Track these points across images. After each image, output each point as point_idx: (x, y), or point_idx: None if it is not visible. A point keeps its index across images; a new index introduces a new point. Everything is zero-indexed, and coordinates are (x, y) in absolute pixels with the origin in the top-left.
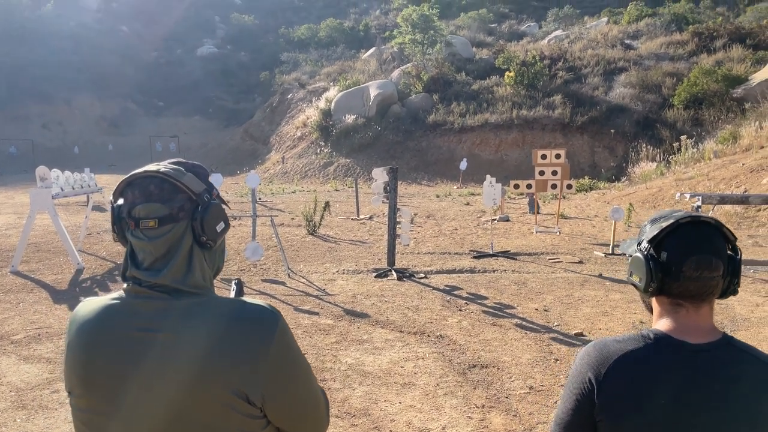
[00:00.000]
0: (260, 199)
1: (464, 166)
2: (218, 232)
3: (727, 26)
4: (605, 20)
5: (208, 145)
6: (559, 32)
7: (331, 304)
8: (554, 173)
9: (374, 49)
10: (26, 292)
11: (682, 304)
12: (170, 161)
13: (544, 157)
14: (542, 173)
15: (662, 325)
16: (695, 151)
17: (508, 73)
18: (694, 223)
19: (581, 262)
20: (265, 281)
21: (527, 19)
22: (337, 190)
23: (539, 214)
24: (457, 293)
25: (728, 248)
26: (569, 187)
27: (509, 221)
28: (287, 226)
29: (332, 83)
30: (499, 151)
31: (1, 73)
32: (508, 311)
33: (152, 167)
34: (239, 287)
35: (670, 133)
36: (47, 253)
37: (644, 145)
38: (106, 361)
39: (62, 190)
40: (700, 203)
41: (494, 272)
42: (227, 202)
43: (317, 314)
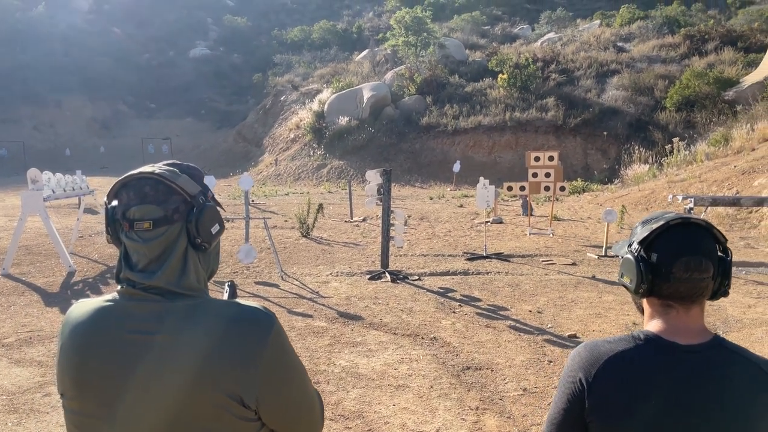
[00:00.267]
0: (253, 201)
1: (457, 168)
2: (213, 234)
3: (718, 29)
4: (598, 23)
5: (200, 147)
6: (551, 35)
7: (324, 306)
8: (547, 175)
9: (367, 51)
10: (17, 295)
11: (672, 305)
12: (165, 163)
13: (537, 159)
14: (535, 175)
15: (653, 326)
16: (687, 153)
17: (501, 75)
18: (684, 224)
19: (574, 264)
20: (258, 284)
21: (520, 21)
22: (330, 192)
23: (532, 216)
24: (450, 295)
25: (719, 249)
26: (562, 189)
27: (502, 223)
28: (280, 228)
29: (325, 85)
30: (492, 153)
31: None
32: (501, 313)
33: (147, 168)
34: (232, 289)
35: (662, 135)
36: (38, 255)
37: (637, 147)
38: (99, 363)
39: (53, 192)
40: (692, 205)
41: (488, 274)
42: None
43: (311, 317)
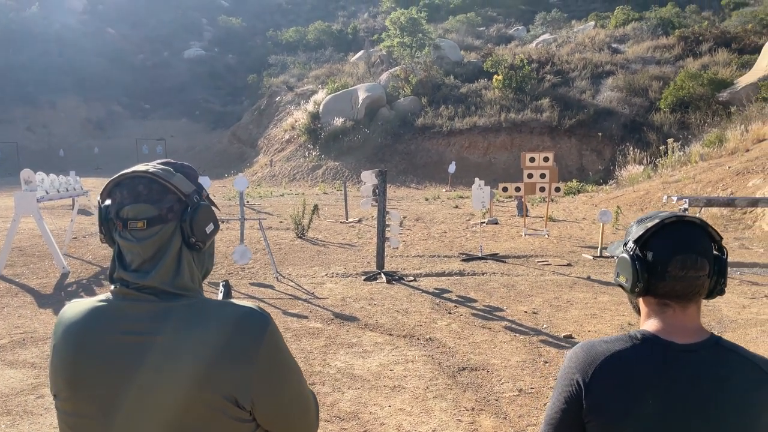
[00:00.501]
0: (248, 202)
1: (453, 169)
2: (207, 233)
3: (712, 30)
4: (592, 24)
5: (195, 148)
6: (546, 36)
7: (320, 307)
8: (542, 176)
9: (363, 52)
10: (11, 296)
11: (668, 304)
12: (159, 162)
13: (532, 160)
14: (531, 176)
15: (650, 325)
16: (682, 154)
17: (496, 76)
18: (679, 222)
19: (570, 264)
20: (253, 285)
21: (515, 22)
22: (325, 193)
23: (528, 216)
24: (446, 296)
25: (714, 248)
26: (557, 190)
27: (498, 224)
28: (275, 229)
29: (320, 86)
30: (487, 154)
31: None
32: (497, 314)
33: (141, 167)
34: (227, 289)
35: (656, 136)
36: (32, 257)
37: (631, 148)
38: (93, 363)
39: (47, 193)
40: (687, 206)
41: (483, 275)
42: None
43: (306, 318)
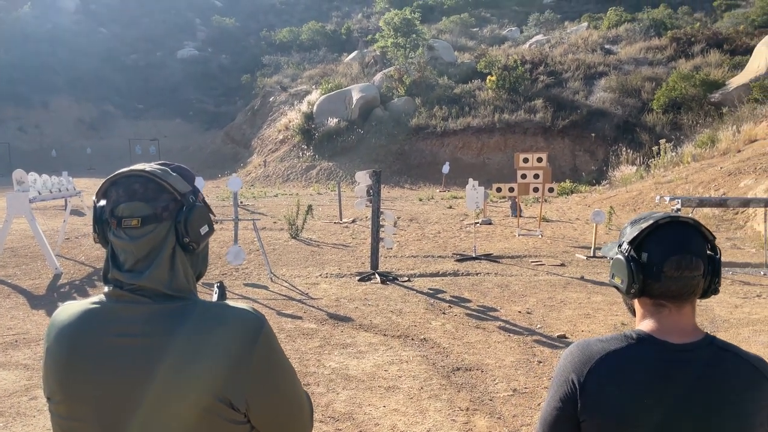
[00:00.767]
0: (242, 202)
1: (447, 169)
2: (202, 234)
3: (704, 32)
4: (585, 25)
5: (188, 148)
6: (540, 37)
7: (314, 308)
8: (536, 177)
9: (356, 52)
10: (3, 297)
11: (664, 304)
12: (156, 162)
13: (526, 160)
14: (524, 177)
15: (645, 325)
16: (674, 154)
17: (489, 77)
18: (673, 223)
19: (563, 264)
20: (247, 285)
21: (508, 23)
22: (319, 193)
23: (521, 217)
24: (440, 296)
25: (708, 248)
26: (551, 190)
27: (492, 224)
28: (269, 229)
29: (314, 86)
30: (481, 154)
31: None
32: (491, 314)
33: (138, 167)
34: (222, 290)
35: (649, 137)
36: (24, 257)
37: (624, 148)
38: (86, 366)
39: (40, 193)
40: (679, 206)
41: (477, 275)
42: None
43: (300, 318)
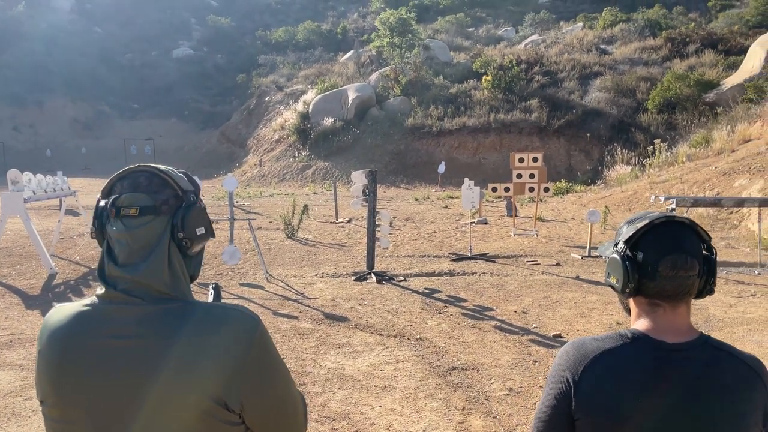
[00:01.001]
0: (237, 202)
1: (442, 169)
2: (197, 234)
3: (699, 32)
4: (581, 25)
5: (184, 148)
6: (535, 37)
7: (310, 307)
8: (531, 176)
9: (352, 52)
10: None
11: (659, 303)
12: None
13: (521, 160)
14: (520, 176)
15: (640, 325)
16: (669, 154)
17: (485, 77)
18: (668, 223)
19: (558, 264)
20: (243, 285)
21: (504, 23)
22: (315, 193)
23: (517, 216)
24: (436, 296)
25: (703, 248)
26: (546, 190)
27: (487, 224)
28: (265, 229)
29: (310, 86)
30: (477, 154)
31: None
32: (487, 313)
33: (147, 164)
34: (217, 292)
35: (644, 136)
36: (19, 257)
37: (619, 148)
38: (79, 369)
39: (34, 193)
40: (674, 206)
41: (473, 275)
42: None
43: (296, 318)
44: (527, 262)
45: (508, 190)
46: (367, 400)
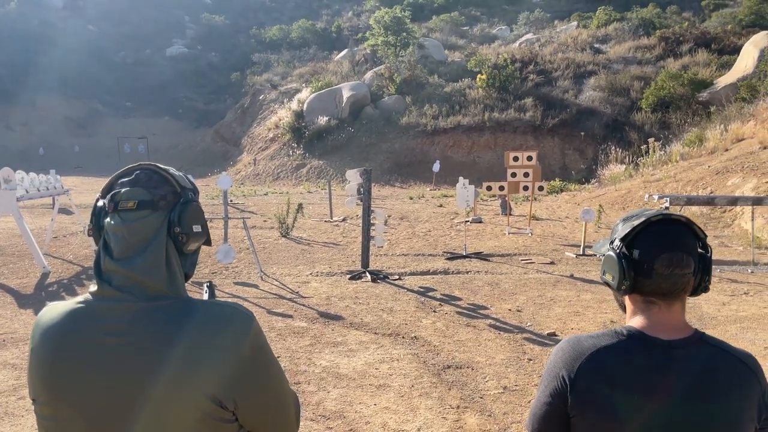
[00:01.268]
0: (232, 201)
1: (437, 168)
2: (194, 231)
3: (692, 31)
4: (575, 24)
5: (178, 146)
6: (529, 36)
7: (304, 306)
8: (526, 175)
9: (347, 50)
10: None
11: (654, 301)
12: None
13: (516, 159)
14: (514, 175)
15: (635, 322)
16: (663, 153)
17: (480, 75)
18: (664, 221)
19: (553, 262)
20: (237, 284)
21: (498, 22)
22: (310, 192)
23: (511, 215)
24: (431, 294)
25: (699, 246)
26: (540, 188)
27: (482, 223)
28: (260, 228)
29: (304, 84)
30: (471, 153)
31: None
32: (481, 312)
33: (148, 162)
34: (211, 290)
35: (638, 135)
36: (12, 256)
37: (613, 147)
38: (72, 367)
39: (27, 192)
40: (667, 204)
41: (468, 273)
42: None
43: (291, 317)
44: (522, 260)
45: (502, 188)
46: (361, 398)
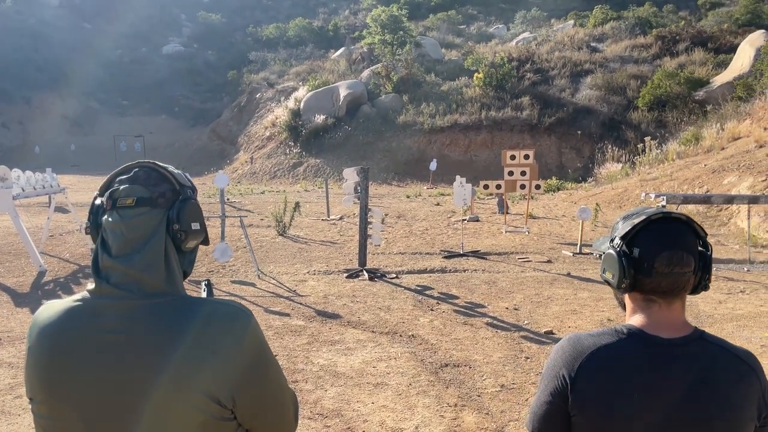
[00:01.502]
0: (229, 199)
1: (434, 166)
2: (192, 228)
3: (689, 30)
4: (572, 23)
5: (174, 144)
6: (526, 34)
7: (302, 305)
8: (523, 174)
9: (344, 49)
10: None
11: (654, 299)
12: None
13: (513, 157)
14: (511, 174)
15: (635, 320)
16: (659, 152)
17: (477, 74)
18: (665, 219)
19: (550, 261)
20: (234, 282)
21: (495, 21)
22: (307, 190)
23: (508, 214)
24: (428, 293)
25: (699, 244)
26: (537, 187)
27: (479, 221)
28: (257, 227)
29: (301, 83)
30: (468, 151)
31: None
32: (478, 310)
33: (147, 160)
34: (209, 288)
35: (634, 134)
36: (8, 255)
37: (610, 146)
38: (69, 365)
39: (23, 190)
40: (664, 203)
41: (465, 272)
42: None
43: (288, 315)
44: (519, 259)
45: (499, 187)
46: (359, 397)
